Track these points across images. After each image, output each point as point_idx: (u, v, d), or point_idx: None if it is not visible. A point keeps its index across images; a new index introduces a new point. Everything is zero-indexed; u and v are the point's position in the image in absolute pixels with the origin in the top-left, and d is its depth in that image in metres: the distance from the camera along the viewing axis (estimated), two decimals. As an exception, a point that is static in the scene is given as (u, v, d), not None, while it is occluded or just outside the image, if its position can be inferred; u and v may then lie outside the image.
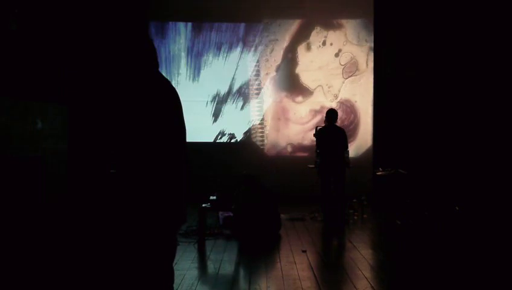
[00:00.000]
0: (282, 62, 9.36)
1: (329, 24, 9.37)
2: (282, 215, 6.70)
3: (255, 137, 9.39)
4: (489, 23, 8.53)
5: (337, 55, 9.37)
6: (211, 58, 9.27)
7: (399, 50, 9.15)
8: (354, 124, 9.38)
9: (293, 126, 9.39)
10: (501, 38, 8.50)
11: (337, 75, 9.37)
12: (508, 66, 8.42)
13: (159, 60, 3.07)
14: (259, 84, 9.36)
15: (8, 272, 4.29)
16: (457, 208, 7.15)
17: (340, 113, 8.90)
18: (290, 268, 4.83)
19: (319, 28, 9.37)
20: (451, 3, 8.80)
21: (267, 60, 9.35)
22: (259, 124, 9.37)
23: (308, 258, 5.16)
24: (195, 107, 9.02)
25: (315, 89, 9.37)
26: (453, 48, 8.85)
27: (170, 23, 9.18)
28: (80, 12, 8.02)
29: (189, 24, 9.24)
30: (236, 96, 9.32)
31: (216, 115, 9.29)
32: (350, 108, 9.38)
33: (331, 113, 7.18)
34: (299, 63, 9.38)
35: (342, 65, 9.37)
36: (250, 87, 9.36)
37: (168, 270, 2.99)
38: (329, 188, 7.04)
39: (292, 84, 9.38)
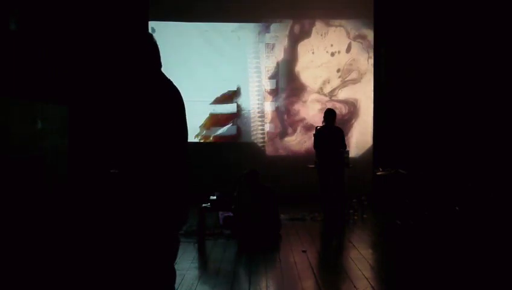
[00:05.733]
0: (282, 60, 9.36)
1: (330, 23, 9.37)
2: (282, 215, 6.70)
3: (255, 136, 9.38)
4: (490, 23, 8.53)
5: (337, 54, 9.37)
6: (211, 57, 9.26)
7: (399, 50, 9.15)
8: (353, 123, 9.36)
9: (293, 125, 9.39)
10: (501, 38, 8.50)
11: (337, 74, 9.37)
12: (508, 66, 8.42)
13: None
14: (259, 83, 9.35)
15: (9, 272, 4.29)
16: (457, 208, 7.15)
17: (341, 112, 8.92)
18: (290, 268, 4.84)
19: (319, 27, 9.36)
20: (451, 4, 8.80)
21: (268, 58, 9.35)
22: (259, 123, 9.37)
23: (308, 258, 5.16)
24: (195, 106, 9.01)
25: (315, 87, 9.37)
26: (453, 47, 8.85)
27: (170, 22, 9.18)
28: (81, 11, 8.02)
29: (189, 24, 9.23)
30: (236, 95, 9.31)
31: (216, 114, 9.28)
32: (350, 107, 9.37)
33: (330, 114, 7.20)
34: (300, 61, 9.37)
35: (342, 64, 9.36)
36: (251, 85, 9.35)
37: (169, 270, 2.99)
38: (329, 188, 7.05)
39: (292, 83, 9.37)
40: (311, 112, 9.35)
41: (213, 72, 9.24)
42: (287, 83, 9.37)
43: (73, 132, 7.13)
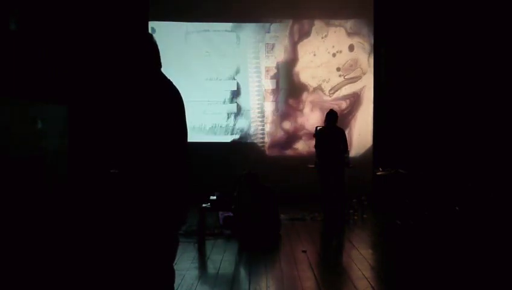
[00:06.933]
0: (282, 60, 9.35)
1: (330, 23, 9.37)
2: (282, 215, 6.70)
3: (255, 136, 9.38)
4: (490, 23, 8.54)
5: (337, 54, 9.36)
6: (211, 57, 9.26)
7: (399, 50, 9.16)
8: (353, 122, 9.36)
9: (294, 125, 9.38)
10: (501, 38, 8.50)
11: (337, 74, 9.37)
12: (508, 66, 8.42)
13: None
14: (259, 83, 9.35)
15: (9, 272, 4.29)
16: (457, 208, 7.15)
17: (341, 111, 8.91)
18: (290, 268, 4.84)
19: (319, 26, 9.36)
20: (451, 3, 8.80)
21: (268, 58, 9.34)
22: (259, 123, 9.37)
23: (308, 258, 5.16)
24: (195, 106, 9.01)
25: (315, 87, 9.37)
26: (453, 47, 8.85)
27: (170, 22, 9.18)
28: (81, 12, 8.02)
29: (189, 24, 9.23)
30: (236, 95, 9.30)
31: (216, 114, 9.28)
32: (350, 107, 9.37)
33: (331, 115, 7.21)
34: (300, 61, 9.37)
35: (342, 64, 9.36)
36: (251, 84, 9.35)
37: (168, 270, 3.00)
38: (329, 188, 7.05)
39: (292, 83, 9.37)
40: (311, 111, 9.35)
41: (213, 72, 9.25)
42: (287, 83, 9.37)
43: (73, 132, 7.12)
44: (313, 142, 7.46)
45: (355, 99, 9.37)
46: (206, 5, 9.13)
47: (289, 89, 9.38)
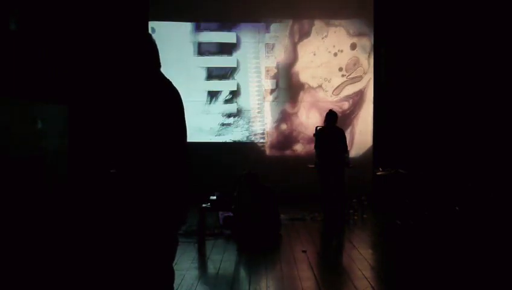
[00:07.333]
0: (282, 60, 9.35)
1: (330, 23, 9.37)
2: (282, 215, 6.70)
3: (255, 136, 9.38)
4: (490, 23, 8.54)
5: (337, 54, 9.36)
6: (210, 57, 9.27)
7: (399, 50, 9.16)
8: (353, 122, 9.36)
9: (293, 125, 9.38)
10: (501, 38, 8.50)
11: (337, 74, 9.36)
12: (508, 66, 8.42)
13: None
14: (259, 83, 9.35)
15: (8, 272, 4.29)
16: (457, 208, 7.15)
17: (341, 111, 8.90)
18: (290, 268, 4.84)
19: (319, 26, 9.36)
20: (451, 3, 8.81)
21: (268, 58, 9.34)
22: (259, 123, 9.36)
23: (308, 258, 5.16)
24: (195, 106, 9.01)
25: (315, 87, 9.37)
26: (453, 47, 8.85)
27: (170, 22, 9.18)
28: (81, 11, 8.02)
29: (189, 24, 9.23)
30: (236, 95, 9.30)
31: (216, 114, 9.28)
32: (350, 107, 9.37)
33: (331, 115, 7.21)
34: (300, 61, 9.37)
35: (342, 64, 9.36)
36: (251, 84, 9.35)
37: (168, 270, 3.00)
38: (329, 188, 7.05)
39: (292, 83, 9.37)
40: (311, 111, 9.35)
41: (213, 72, 9.25)
42: (287, 83, 9.37)
43: (73, 131, 7.12)
44: (313, 142, 7.46)
45: (357, 99, 9.37)
46: (206, 5, 9.14)
47: (289, 89, 9.38)
